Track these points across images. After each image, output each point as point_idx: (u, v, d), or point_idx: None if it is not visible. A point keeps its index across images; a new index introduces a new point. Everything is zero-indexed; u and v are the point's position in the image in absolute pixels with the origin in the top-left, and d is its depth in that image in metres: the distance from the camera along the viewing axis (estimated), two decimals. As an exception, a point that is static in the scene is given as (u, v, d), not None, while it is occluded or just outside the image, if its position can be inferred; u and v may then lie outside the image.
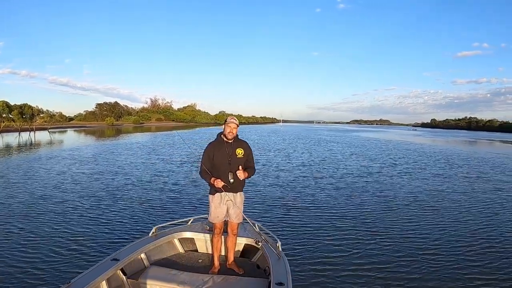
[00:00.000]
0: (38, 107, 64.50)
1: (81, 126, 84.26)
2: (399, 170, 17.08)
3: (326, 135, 63.25)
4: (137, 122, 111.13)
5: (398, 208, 9.47)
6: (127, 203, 9.32)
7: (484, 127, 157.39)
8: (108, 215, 8.15)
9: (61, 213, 8.27)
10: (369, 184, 12.99)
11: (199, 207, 9.05)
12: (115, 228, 7.20)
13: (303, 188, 11.96)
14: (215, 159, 4.13)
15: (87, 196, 10.13)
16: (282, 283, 3.31)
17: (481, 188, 12.61)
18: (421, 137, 67.14)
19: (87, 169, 15.42)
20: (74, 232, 6.93)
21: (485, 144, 49.07)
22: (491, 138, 70.38)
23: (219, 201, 4.19)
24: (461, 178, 14.79)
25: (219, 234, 4.33)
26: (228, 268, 4.30)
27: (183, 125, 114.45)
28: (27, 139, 38.84)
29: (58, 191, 10.79)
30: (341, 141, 42.46)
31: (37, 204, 9.08)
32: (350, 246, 6.46)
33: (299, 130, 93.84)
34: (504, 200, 10.65)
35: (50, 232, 6.93)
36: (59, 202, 9.38)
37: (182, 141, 31.95)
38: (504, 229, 7.76)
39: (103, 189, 11.09)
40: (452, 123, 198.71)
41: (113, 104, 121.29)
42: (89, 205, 9.11)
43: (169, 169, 15.80)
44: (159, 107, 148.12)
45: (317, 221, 8.06)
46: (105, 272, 3.54)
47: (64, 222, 7.60)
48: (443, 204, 10.05)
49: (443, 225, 7.95)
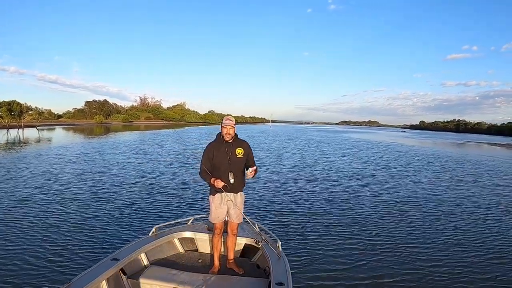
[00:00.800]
0: (27, 104, 63.45)
1: (70, 123, 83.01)
2: (393, 172, 17.23)
3: (316, 135, 63.58)
4: (126, 120, 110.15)
5: (395, 209, 9.56)
6: (127, 203, 9.27)
7: (472, 130, 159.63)
8: (108, 215, 8.10)
9: (61, 213, 8.20)
10: (365, 185, 13.08)
11: (199, 207, 9.03)
12: (115, 228, 7.17)
13: (302, 188, 12.03)
14: (215, 160, 4.12)
15: (87, 195, 10.05)
16: (282, 283, 3.31)
17: (480, 193, 12.67)
18: (410, 139, 68.00)
19: (86, 169, 15.28)
20: (74, 232, 6.89)
21: (474, 146, 49.70)
22: (479, 141, 71.58)
23: (219, 201, 4.18)
24: (458, 182, 14.89)
25: (219, 234, 4.32)
26: (228, 268, 4.30)
27: (172, 124, 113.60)
28: (15, 136, 38.19)
29: (58, 190, 10.69)
30: (332, 142, 42.68)
31: (37, 204, 8.98)
32: (350, 246, 6.51)
33: (289, 130, 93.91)
34: (503, 206, 10.63)
35: (50, 232, 6.86)
36: (59, 201, 9.29)
37: (181, 140, 31.92)
38: (504, 235, 7.67)
39: (103, 189, 10.99)
40: (440, 125, 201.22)
41: (102, 102, 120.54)
42: (89, 205, 9.04)
43: (168, 169, 15.75)
44: (149, 106, 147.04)
45: (317, 221, 8.11)
46: (105, 271, 3.52)
47: (64, 222, 7.54)
48: (439, 205, 10.19)
49: (441, 225, 8.08)
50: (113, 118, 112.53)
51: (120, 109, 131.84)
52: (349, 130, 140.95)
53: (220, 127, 4.25)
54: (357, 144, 41.56)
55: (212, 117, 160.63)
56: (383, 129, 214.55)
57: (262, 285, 3.77)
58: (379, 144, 44.07)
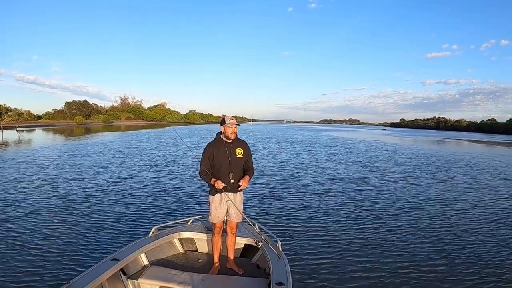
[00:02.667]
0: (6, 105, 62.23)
1: (50, 124, 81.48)
2: (387, 171, 17.15)
3: (301, 134, 63.48)
4: (107, 121, 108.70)
5: (395, 208, 9.56)
6: (127, 203, 9.24)
7: (452, 127, 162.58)
8: (108, 215, 8.07)
9: (61, 213, 8.17)
10: (363, 185, 13.02)
11: (198, 207, 9.03)
12: (115, 228, 7.15)
13: (301, 188, 12.03)
14: (215, 160, 4.12)
15: (87, 195, 10.01)
16: (282, 283, 3.34)
17: (474, 189, 12.81)
18: (392, 137, 68.97)
19: (85, 168, 15.23)
20: (74, 232, 6.87)
21: (455, 143, 50.52)
22: (458, 138, 73.04)
23: (219, 201, 4.18)
24: (454, 182, 14.53)
25: (219, 234, 4.33)
26: (228, 268, 4.31)
27: (153, 124, 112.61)
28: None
29: (58, 189, 10.66)
30: (316, 141, 42.52)
31: (37, 204, 8.94)
32: (350, 246, 6.53)
33: (270, 129, 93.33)
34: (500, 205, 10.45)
35: (50, 232, 6.85)
36: (59, 201, 9.26)
37: (178, 138, 31.81)
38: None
39: (103, 189, 10.94)
40: (420, 123, 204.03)
41: (82, 102, 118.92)
42: (89, 205, 9.01)
43: (168, 169, 15.67)
44: (129, 106, 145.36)
45: (317, 221, 8.13)
46: (105, 272, 3.53)
47: (64, 221, 7.52)
48: (439, 205, 10.13)
49: (442, 226, 8.05)
50: (94, 118, 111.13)
51: (101, 109, 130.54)
52: (330, 128, 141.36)
53: (221, 128, 4.23)
54: (342, 142, 41.57)
55: (193, 116, 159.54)
56: (364, 127, 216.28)
57: (262, 285, 3.79)
58: (363, 142, 44.46)
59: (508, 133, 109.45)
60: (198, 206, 9.17)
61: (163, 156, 21.04)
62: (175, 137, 39.96)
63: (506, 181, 15.01)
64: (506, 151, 36.83)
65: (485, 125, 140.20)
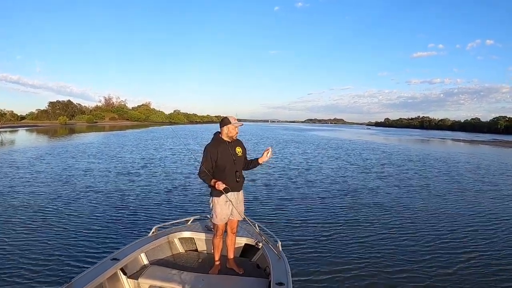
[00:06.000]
0: (-12, 106, 60.88)
1: (33, 125, 79.83)
2: (384, 171, 17.24)
3: (287, 134, 63.26)
4: (91, 121, 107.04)
5: (394, 208, 9.64)
6: (127, 203, 9.24)
7: (436, 126, 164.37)
8: (108, 215, 8.08)
9: (61, 213, 8.16)
10: (363, 185, 13.08)
11: (198, 207, 9.02)
12: (115, 228, 7.16)
13: (301, 188, 12.07)
14: (220, 161, 4.07)
15: (87, 195, 9.98)
16: (282, 283, 3.36)
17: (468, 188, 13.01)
18: (377, 136, 69.73)
19: (83, 168, 15.14)
20: (75, 232, 6.89)
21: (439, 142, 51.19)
22: (442, 137, 73.91)
23: (224, 202, 4.14)
24: (449, 180, 14.78)
25: (221, 236, 4.29)
26: (228, 268, 4.31)
27: (137, 124, 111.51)
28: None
29: (58, 189, 10.63)
30: (304, 141, 42.37)
31: (37, 204, 8.92)
32: (350, 246, 6.56)
33: (255, 129, 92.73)
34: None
35: (49, 231, 6.86)
36: (59, 201, 9.23)
37: (177, 137, 31.65)
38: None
39: (103, 189, 10.90)
40: (405, 122, 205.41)
41: (66, 102, 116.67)
42: (89, 204, 9.00)
43: (167, 169, 15.61)
44: (113, 106, 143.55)
45: (317, 221, 8.16)
46: (105, 271, 3.54)
47: (64, 221, 7.53)
48: (438, 205, 10.24)
49: (443, 226, 8.09)
50: (78, 119, 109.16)
51: (85, 109, 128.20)
52: (315, 128, 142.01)
53: (223, 128, 4.21)
54: (330, 142, 41.63)
55: (178, 116, 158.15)
56: (348, 127, 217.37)
57: (262, 285, 3.81)
58: (350, 141, 44.82)
59: (492, 132, 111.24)
60: (198, 206, 9.18)
61: (163, 156, 20.97)
62: (173, 137, 40.07)
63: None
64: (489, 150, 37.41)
65: (469, 124, 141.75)
